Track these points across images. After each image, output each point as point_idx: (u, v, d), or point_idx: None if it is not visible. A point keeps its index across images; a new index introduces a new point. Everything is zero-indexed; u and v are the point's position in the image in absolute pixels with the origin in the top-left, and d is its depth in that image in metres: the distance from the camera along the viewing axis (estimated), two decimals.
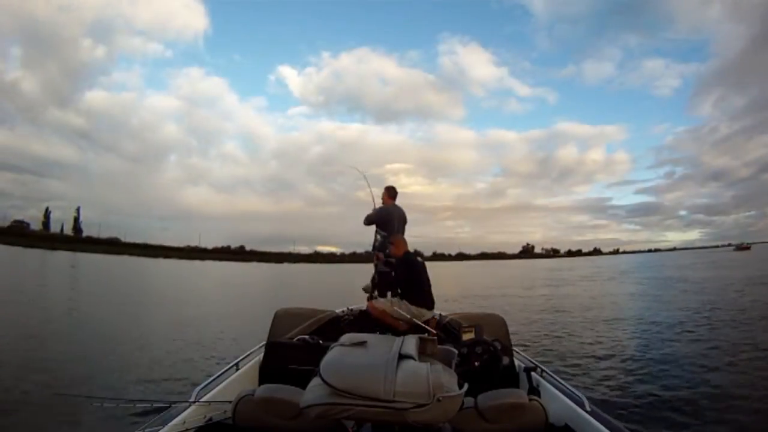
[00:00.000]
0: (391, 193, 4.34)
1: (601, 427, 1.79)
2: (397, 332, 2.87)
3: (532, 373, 2.51)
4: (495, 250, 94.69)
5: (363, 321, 3.36)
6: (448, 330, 2.97)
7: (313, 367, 1.44)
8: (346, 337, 1.55)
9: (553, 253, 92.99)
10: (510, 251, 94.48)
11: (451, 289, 17.31)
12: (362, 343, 1.47)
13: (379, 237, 4.17)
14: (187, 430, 1.71)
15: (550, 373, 2.47)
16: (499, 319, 2.88)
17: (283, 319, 3.06)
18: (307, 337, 2.66)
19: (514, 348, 2.80)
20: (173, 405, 1.85)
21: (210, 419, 1.81)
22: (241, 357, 2.60)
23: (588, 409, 1.96)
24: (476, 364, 2.48)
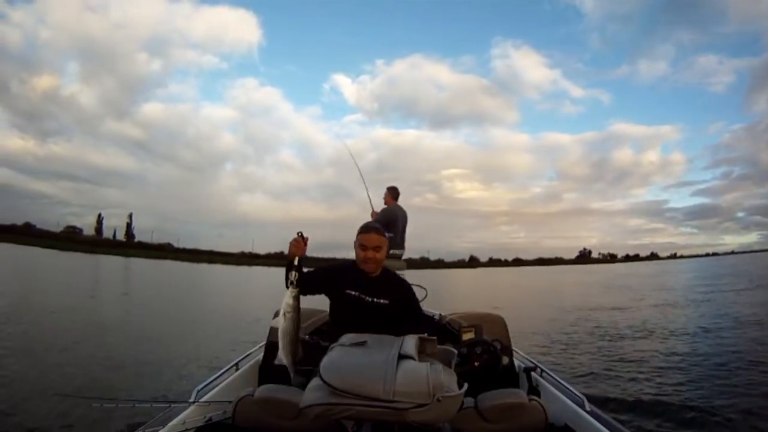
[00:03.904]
0: (393, 193, 4.34)
1: (601, 427, 1.79)
2: None
3: (532, 373, 2.51)
4: (552, 255, 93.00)
5: None
6: (447, 330, 2.97)
7: (313, 367, 1.44)
8: (346, 337, 1.55)
9: (610, 258, 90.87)
10: (567, 256, 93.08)
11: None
12: (362, 343, 1.47)
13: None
14: (186, 430, 1.71)
15: (550, 373, 2.47)
16: (499, 319, 2.87)
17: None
18: (306, 337, 2.66)
19: (514, 348, 2.80)
20: (173, 405, 1.85)
21: (210, 419, 1.81)
22: (241, 357, 2.60)
23: (588, 409, 1.96)
24: (476, 364, 2.47)
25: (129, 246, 64.88)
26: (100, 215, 70.94)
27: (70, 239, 59.97)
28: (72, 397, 3.62)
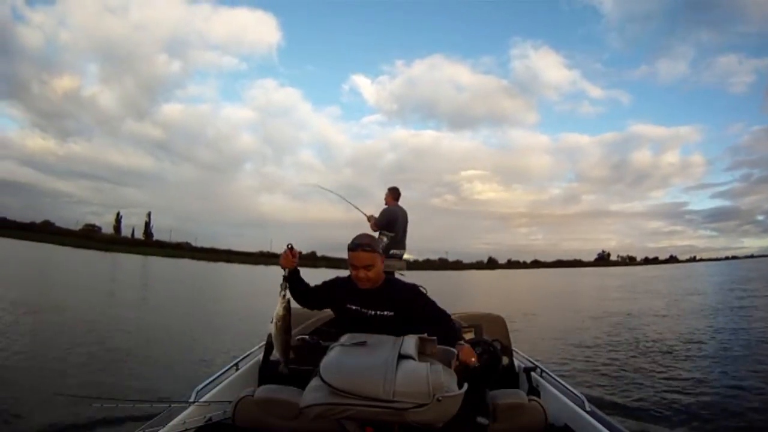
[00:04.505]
0: (394, 194, 4.34)
1: (601, 427, 1.78)
2: None
3: (532, 373, 2.51)
4: (570, 258, 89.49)
5: None
6: None
7: (312, 367, 1.44)
8: (346, 337, 1.55)
9: (629, 261, 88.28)
10: (585, 259, 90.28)
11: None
12: (362, 343, 1.47)
13: (385, 239, 4.16)
14: (186, 430, 1.71)
15: (550, 373, 2.46)
16: (499, 319, 2.87)
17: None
18: (306, 337, 2.66)
19: (514, 348, 2.80)
20: (173, 405, 1.85)
21: (210, 419, 1.81)
22: (241, 357, 2.60)
23: (588, 409, 1.96)
24: (476, 364, 2.47)
25: (146, 244, 65.01)
26: (118, 214, 70.68)
27: (87, 237, 60.14)
28: (72, 397, 3.62)
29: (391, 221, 4.17)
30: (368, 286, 1.86)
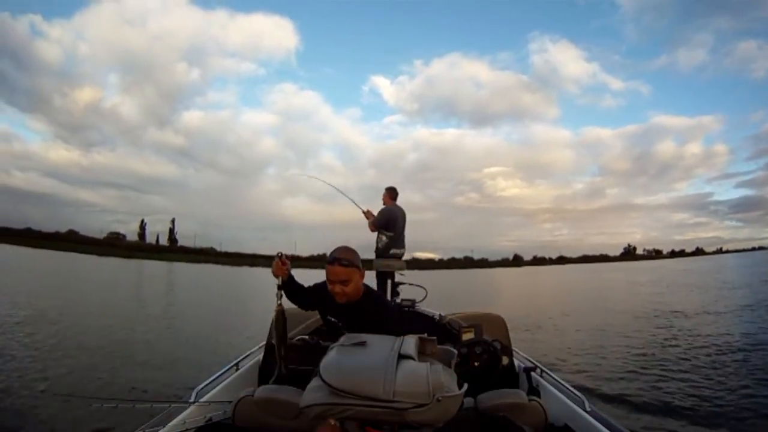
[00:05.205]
0: (392, 193, 4.33)
1: (601, 427, 1.78)
2: None
3: (532, 373, 2.51)
4: (596, 252, 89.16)
5: None
6: (447, 330, 2.97)
7: (312, 367, 1.44)
8: (345, 338, 1.55)
9: (655, 254, 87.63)
10: (611, 253, 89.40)
11: None
12: (362, 343, 1.47)
13: (384, 238, 4.16)
14: (186, 430, 1.71)
15: (550, 373, 2.46)
16: (499, 319, 2.87)
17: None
18: (306, 337, 2.66)
19: (514, 348, 2.80)
20: (173, 405, 1.85)
21: (210, 419, 1.81)
22: (241, 357, 2.60)
23: (588, 409, 1.96)
24: (476, 364, 2.47)
25: (170, 251, 65.66)
26: (143, 221, 72.44)
27: (111, 245, 61.38)
28: (72, 397, 3.62)
29: (390, 221, 4.16)
30: (344, 301, 1.83)
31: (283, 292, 2.02)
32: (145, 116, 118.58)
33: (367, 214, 4.25)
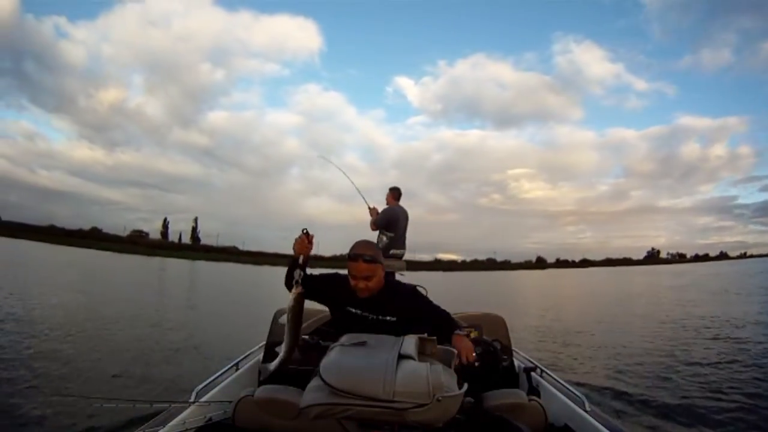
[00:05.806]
0: (395, 193, 4.32)
1: (601, 427, 1.78)
2: None
3: (532, 374, 2.51)
4: (619, 256, 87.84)
5: None
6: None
7: (312, 367, 1.44)
8: (346, 337, 1.55)
9: (679, 258, 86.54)
10: (635, 256, 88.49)
11: None
12: (362, 343, 1.47)
13: (384, 239, 4.15)
14: (186, 430, 1.71)
15: (550, 373, 2.46)
16: (499, 319, 2.87)
17: (283, 319, 3.06)
18: (306, 337, 2.66)
19: (514, 348, 2.80)
20: (173, 405, 1.85)
21: (210, 419, 1.81)
22: (241, 357, 2.60)
23: (588, 409, 1.95)
24: (476, 364, 2.47)
25: (192, 249, 65.67)
26: (165, 219, 72.64)
27: (134, 242, 61.60)
28: (72, 397, 3.62)
29: (392, 221, 4.15)
30: (367, 295, 1.82)
31: (302, 273, 1.83)
32: (170, 116, 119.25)
33: (372, 211, 4.23)
